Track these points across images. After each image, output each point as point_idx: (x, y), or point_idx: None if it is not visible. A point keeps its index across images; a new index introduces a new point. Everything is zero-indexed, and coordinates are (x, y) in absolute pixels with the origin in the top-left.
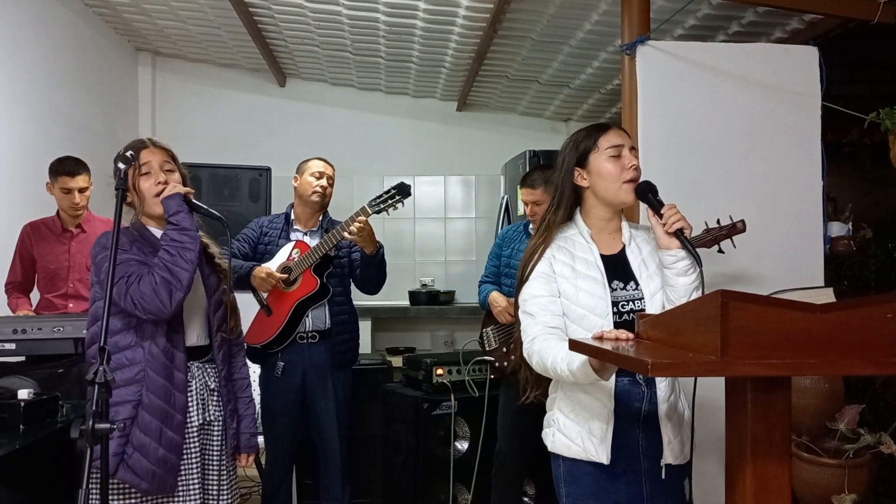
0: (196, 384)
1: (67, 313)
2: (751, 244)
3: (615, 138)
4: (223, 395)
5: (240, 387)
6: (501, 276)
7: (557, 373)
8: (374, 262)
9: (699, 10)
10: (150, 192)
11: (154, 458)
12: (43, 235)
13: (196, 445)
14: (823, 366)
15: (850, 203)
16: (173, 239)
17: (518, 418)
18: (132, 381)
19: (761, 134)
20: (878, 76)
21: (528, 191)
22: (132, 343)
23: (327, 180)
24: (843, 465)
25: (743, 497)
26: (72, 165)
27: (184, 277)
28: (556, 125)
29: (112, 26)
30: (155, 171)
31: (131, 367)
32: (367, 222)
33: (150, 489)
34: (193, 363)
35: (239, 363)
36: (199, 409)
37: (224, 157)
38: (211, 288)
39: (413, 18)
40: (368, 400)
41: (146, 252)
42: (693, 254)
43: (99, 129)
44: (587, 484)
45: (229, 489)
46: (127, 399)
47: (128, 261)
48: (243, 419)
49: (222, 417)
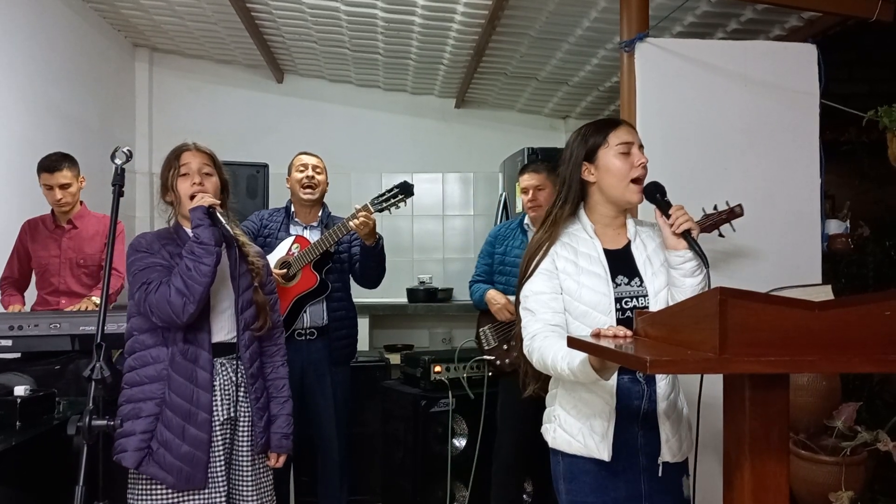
0: (221, 380)
1: (63, 310)
2: (749, 241)
3: (626, 135)
4: (250, 392)
5: (276, 387)
6: (495, 275)
7: (558, 371)
8: (374, 254)
9: (698, 7)
10: (185, 194)
11: (178, 454)
12: (38, 232)
13: (220, 441)
14: (822, 363)
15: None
16: (192, 252)
17: (517, 416)
18: (156, 379)
19: (760, 131)
20: (877, 74)
21: (532, 175)
22: (157, 342)
23: (313, 169)
24: (841, 463)
25: (741, 494)
26: (52, 161)
27: (196, 292)
28: (555, 122)
29: (109, 22)
30: (192, 173)
31: (155, 365)
32: (372, 216)
33: (177, 484)
34: (219, 359)
35: (276, 363)
36: (224, 406)
37: (221, 154)
38: (242, 287)
39: (411, 15)
40: (367, 397)
41: (174, 254)
42: (701, 255)
43: (95, 125)
44: (587, 481)
45: (256, 486)
46: (151, 396)
47: (152, 266)
48: (277, 419)
49: (249, 414)
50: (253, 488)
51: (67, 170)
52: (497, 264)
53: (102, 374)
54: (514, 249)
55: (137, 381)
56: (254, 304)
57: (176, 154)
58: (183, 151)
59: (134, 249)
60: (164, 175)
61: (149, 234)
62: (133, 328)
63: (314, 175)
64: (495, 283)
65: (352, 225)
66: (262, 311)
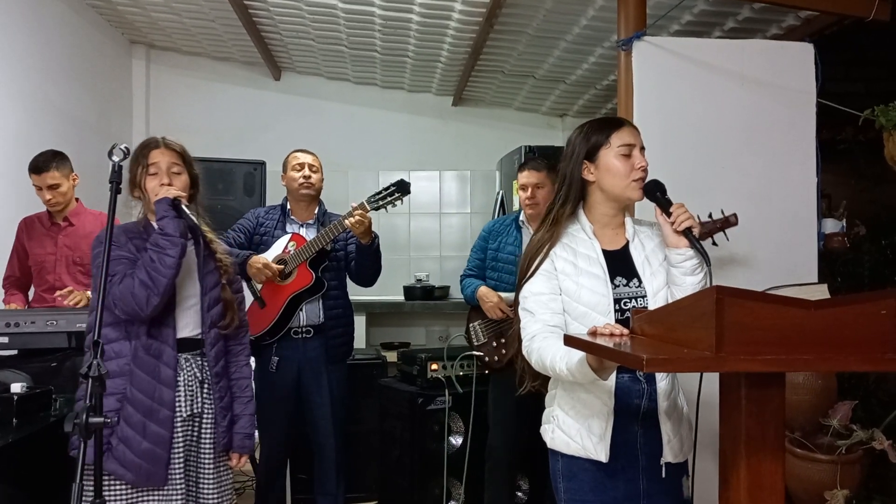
0: (185, 376)
1: (60, 307)
2: (745, 240)
3: (628, 137)
4: (214, 389)
5: (240, 386)
6: (487, 270)
7: (556, 372)
8: (370, 253)
9: (695, 6)
10: (152, 192)
11: (139, 451)
12: (35, 229)
13: (181, 438)
14: (818, 362)
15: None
16: (157, 244)
17: (509, 413)
18: (118, 374)
19: (757, 130)
20: (874, 73)
21: (532, 173)
22: (120, 336)
23: (309, 168)
24: (836, 461)
25: (737, 493)
26: (41, 162)
27: (161, 284)
28: (552, 121)
29: (106, 19)
30: (161, 172)
31: (117, 360)
32: (368, 216)
33: (137, 481)
34: (183, 355)
35: (241, 362)
36: (187, 402)
37: (218, 151)
38: (209, 284)
39: (409, 13)
40: (363, 395)
41: (141, 248)
42: (702, 252)
43: (92, 122)
44: (585, 480)
45: (217, 485)
46: (112, 391)
47: (117, 258)
48: (240, 418)
49: (212, 412)
50: (214, 488)
51: (56, 170)
52: (490, 260)
53: (99, 370)
54: (508, 246)
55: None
56: (221, 301)
57: (144, 151)
58: (152, 149)
59: (99, 242)
60: (132, 171)
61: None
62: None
63: (310, 174)
64: (487, 278)
65: (347, 223)
66: (229, 309)
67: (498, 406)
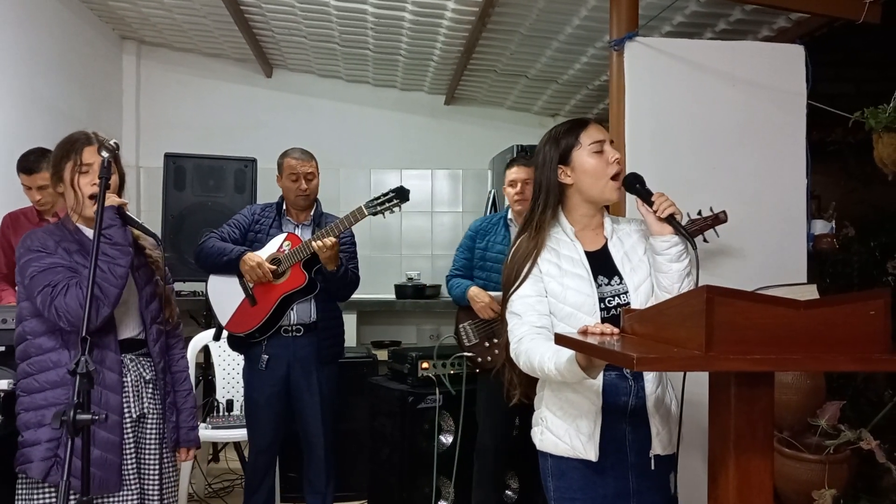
0: (131, 377)
1: None
2: (736, 240)
3: (597, 133)
4: (160, 387)
5: (178, 379)
6: (475, 269)
7: (545, 372)
8: (335, 280)
9: (687, 7)
10: (86, 193)
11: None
12: (21, 225)
13: (132, 440)
14: (807, 361)
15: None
16: (104, 253)
17: (498, 413)
18: (59, 384)
19: (747, 131)
20: (864, 75)
21: (521, 168)
22: (57, 345)
23: (304, 179)
24: (824, 461)
25: (725, 491)
26: (30, 162)
27: (111, 294)
28: (544, 120)
29: (97, 14)
30: (94, 171)
31: (57, 370)
32: (336, 243)
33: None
34: (127, 355)
35: (177, 355)
36: (135, 404)
37: (209, 148)
38: (142, 281)
39: (401, 11)
40: (354, 393)
41: (72, 251)
42: (686, 237)
43: (83, 118)
44: (575, 478)
45: (164, 483)
46: (55, 402)
47: (54, 266)
48: (182, 412)
49: (160, 410)
50: (159, 486)
51: (46, 171)
52: (478, 259)
53: (87, 367)
54: (497, 245)
55: (37, 387)
56: (157, 297)
57: (76, 148)
58: (84, 147)
59: (28, 249)
60: (59, 165)
61: (38, 232)
62: (27, 331)
63: (306, 186)
64: (475, 278)
65: (315, 246)
66: (167, 304)
67: (488, 405)
